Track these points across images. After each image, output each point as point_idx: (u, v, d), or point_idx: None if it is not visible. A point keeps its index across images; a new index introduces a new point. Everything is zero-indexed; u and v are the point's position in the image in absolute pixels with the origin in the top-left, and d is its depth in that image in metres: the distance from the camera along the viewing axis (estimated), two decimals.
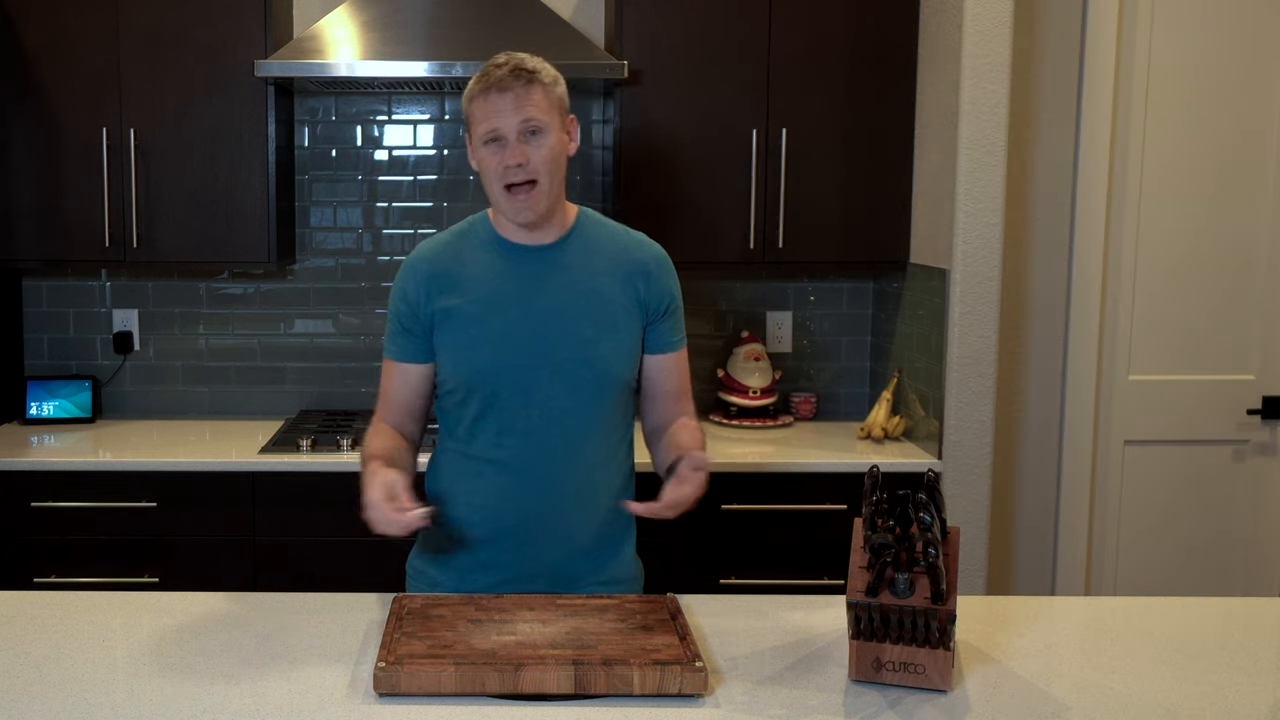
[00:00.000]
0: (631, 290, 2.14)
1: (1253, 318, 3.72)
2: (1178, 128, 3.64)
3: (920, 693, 1.73)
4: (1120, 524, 3.77)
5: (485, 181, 2.10)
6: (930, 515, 1.77)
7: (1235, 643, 1.95)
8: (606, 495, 2.18)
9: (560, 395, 2.10)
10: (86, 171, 3.43)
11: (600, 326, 2.11)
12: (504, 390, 2.10)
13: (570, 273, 2.12)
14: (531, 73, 2.06)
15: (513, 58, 2.07)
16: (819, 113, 3.45)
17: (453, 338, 2.11)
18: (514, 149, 2.04)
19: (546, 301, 2.10)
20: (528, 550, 2.14)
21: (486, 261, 2.13)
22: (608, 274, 2.14)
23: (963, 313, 3.26)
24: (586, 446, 2.14)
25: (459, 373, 2.12)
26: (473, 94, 2.07)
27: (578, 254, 2.14)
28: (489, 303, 2.10)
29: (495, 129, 2.04)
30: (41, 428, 3.66)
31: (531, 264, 2.12)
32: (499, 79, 2.04)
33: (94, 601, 2.09)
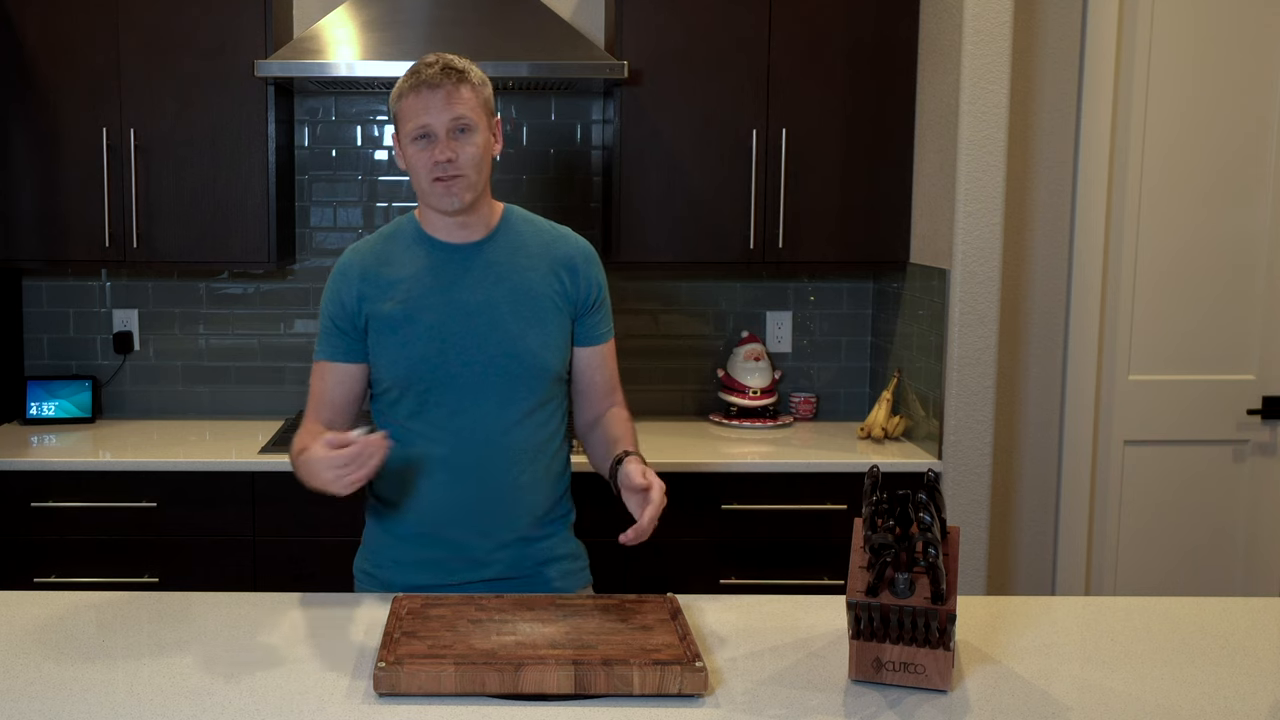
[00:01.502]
0: (558, 284, 2.18)
1: (1252, 318, 3.72)
2: (1177, 128, 3.64)
3: (920, 693, 1.73)
4: (1120, 524, 3.77)
5: (413, 177, 2.13)
6: (930, 515, 1.77)
7: (1235, 643, 1.95)
8: (542, 485, 2.21)
9: (492, 389, 2.13)
10: (86, 171, 3.43)
11: (528, 321, 2.15)
12: (437, 386, 2.13)
13: (497, 269, 2.16)
14: (461, 72, 2.10)
15: (442, 57, 2.12)
16: (819, 113, 3.45)
17: (385, 337, 2.14)
18: (443, 145, 2.08)
19: (475, 297, 2.14)
20: (469, 544, 2.17)
21: (415, 261, 2.17)
22: (534, 269, 2.18)
23: (963, 313, 3.26)
24: (520, 439, 2.17)
25: (393, 371, 2.15)
26: (402, 91, 2.11)
27: (504, 250, 2.18)
28: (419, 301, 2.14)
29: (425, 125, 2.08)
30: (41, 428, 3.66)
31: (459, 261, 2.16)
32: (429, 77, 2.08)
33: (94, 601, 2.09)
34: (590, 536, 2.38)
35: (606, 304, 2.26)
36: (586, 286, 2.21)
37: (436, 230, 2.18)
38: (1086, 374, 3.70)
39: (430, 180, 2.09)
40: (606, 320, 2.26)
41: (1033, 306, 3.72)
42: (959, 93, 3.20)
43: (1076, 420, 3.72)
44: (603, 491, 2.40)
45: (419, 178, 2.11)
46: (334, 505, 3.25)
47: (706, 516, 3.28)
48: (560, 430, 2.25)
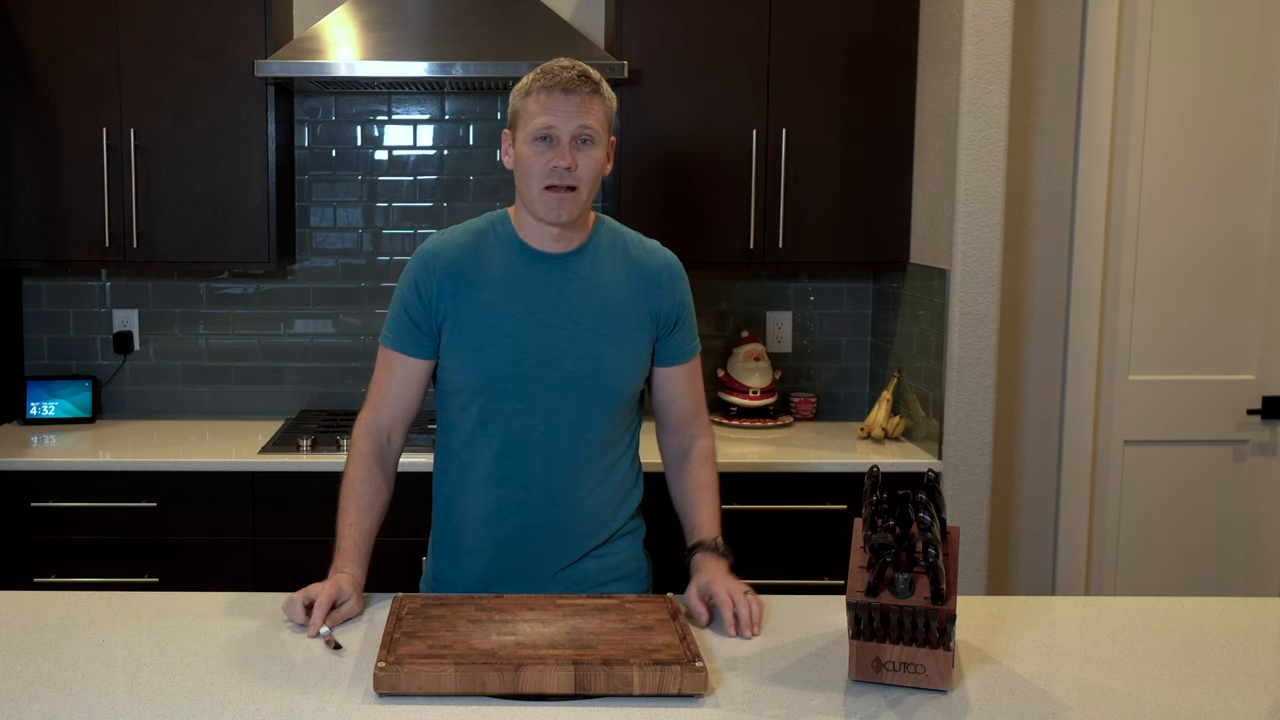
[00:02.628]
0: (644, 302, 2.13)
1: (1252, 318, 3.72)
2: (1177, 128, 3.64)
3: (920, 693, 1.73)
4: (1120, 524, 3.77)
5: (523, 177, 2.06)
6: (930, 515, 1.77)
7: (1235, 643, 1.95)
8: (609, 506, 2.17)
9: (565, 406, 2.08)
10: (86, 171, 3.43)
11: (610, 339, 2.09)
12: (509, 397, 2.08)
13: (585, 283, 2.10)
14: (596, 82, 2.05)
15: (578, 64, 2.05)
16: (819, 113, 3.45)
17: (462, 338, 2.08)
18: (565, 151, 2.01)
19: (559, 310, 2.08)
20: (534, 560, 2.14)
21: (503, 263, 2.10)
22: (622, 285, 2.12)
23: (963, 313, 3.26)
24: (590, 459, 2.12)
25: (465, 374, 2.10)
26: (531, 89, 2.04)
27: (593, 264, 2.12)
28: (502, 306, 2.07)
29: (551, 127, 2.01)
30: (41, 428, 3.66)
31: (548, 271, 2.10)
32: (566, 80, 2.01)
33: (94, 601, 2.09)
34: None
35: (690, 321, 2.21)
36: (671, 304, 2.16)
37: (529, 236, 2.11)
38: (1086, 374, 3.70)
39: (542, 187, 2.03)
40: (692, 336, 2.22)
41: (1033, 306, 3.72)
42: (959, 93, 3.20)
43: (1076, 420, 3.71)
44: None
45: (530, 181, 2.04)
46: (333, 506, 3.26)
47: None
48: (632, 450, 2.22)
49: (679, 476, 2.24)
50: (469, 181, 3.80)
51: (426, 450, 3.32)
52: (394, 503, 2.19)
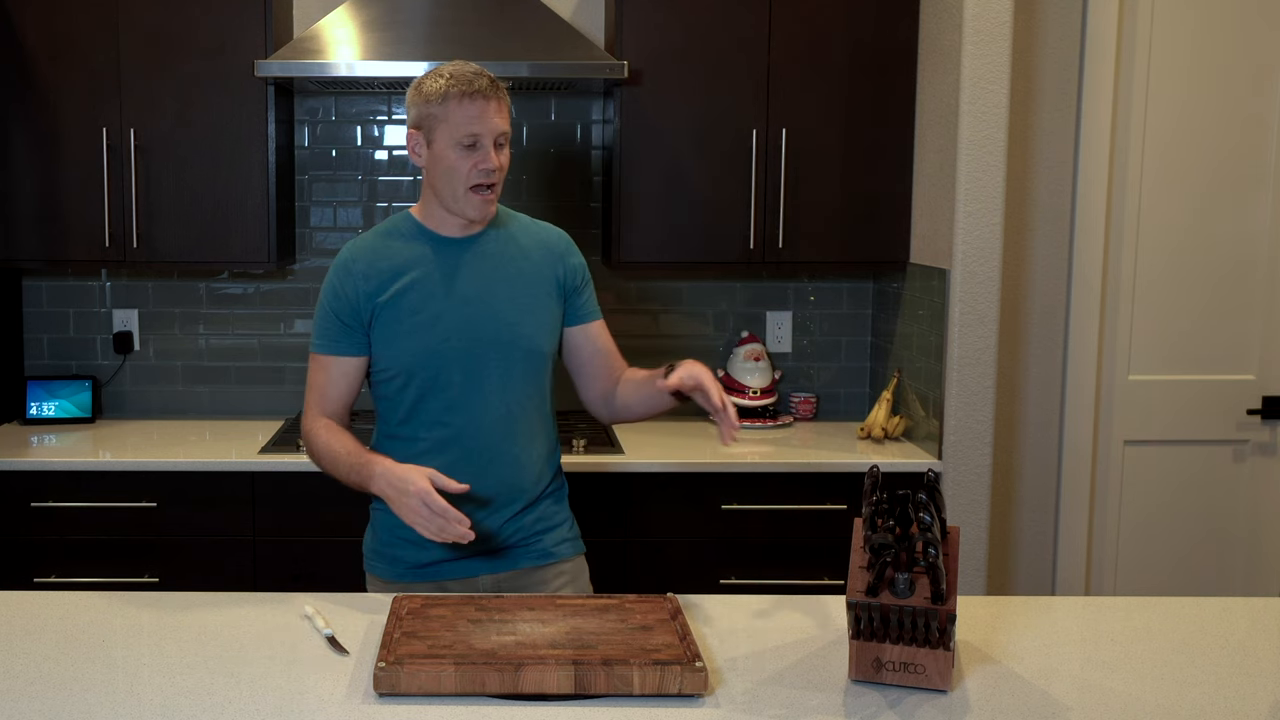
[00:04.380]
0: (548, 269, 2.31)
1: (1252, 318, 3.72)
2: (1177, 128, 3.64)
3: (920, 693, 1.73)
4: (1120, 524, 3.77)
5: (445, 179, 2.20)
6: (930, 515, 1.77)
7: (1235, 643, 1.95)
8: (539, 460, 2.32)
9: (493, 372, 2.24)
10: (86, 171, 3.43)
11: (522, 307, 2.27)
12: (443, 372, 2.23)
13: (492, 259, 2.28)
14: (502, 87, 2.21)
15: (481, 69, 2.21)
16: (819, 113, 3.45)
17: (391, 328, 2.23)
18: (490, 154, 2.18)
19: (474, 287, 2.25)
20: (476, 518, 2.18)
21: (416, 254, 2.26)
22: (526, 258, 2.30)
23: (963, 313, 3.26)
24: (520, 419, 2.28)
25: (399, 360, 2.24)
26: (448, 95, 2.17)
27: (497, 242, 2.29)
28: (423, 290, 2.23)
29: (477, 134, 2.17)
30: (41, 428, 3.66)
31: (459, 253, 2.27)
32: (483, 88, 2.17)
33: (94, 601, 2.09)
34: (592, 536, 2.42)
35: (591, 285, 2.39)
36: (572, 270, 2.34)
37: (438, 226, 2.27)
38: (1086, 374, 3.70)
39: (468, 187, 2.19)
40: (594, 300, 2.39)
41: (1033, 306, 3.72)
42: (959, 93, 3.20)
43: (1076, 420, 3.72)
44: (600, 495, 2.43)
45: (455, 183, 2.20)
46: (333, 506, 3.27)
47: (706, 516, 3.28)
48: (550, 412, 2.37)
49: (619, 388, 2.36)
50: None
51: None
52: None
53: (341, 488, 3.01)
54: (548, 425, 2.36)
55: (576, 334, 2.35)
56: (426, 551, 2.26)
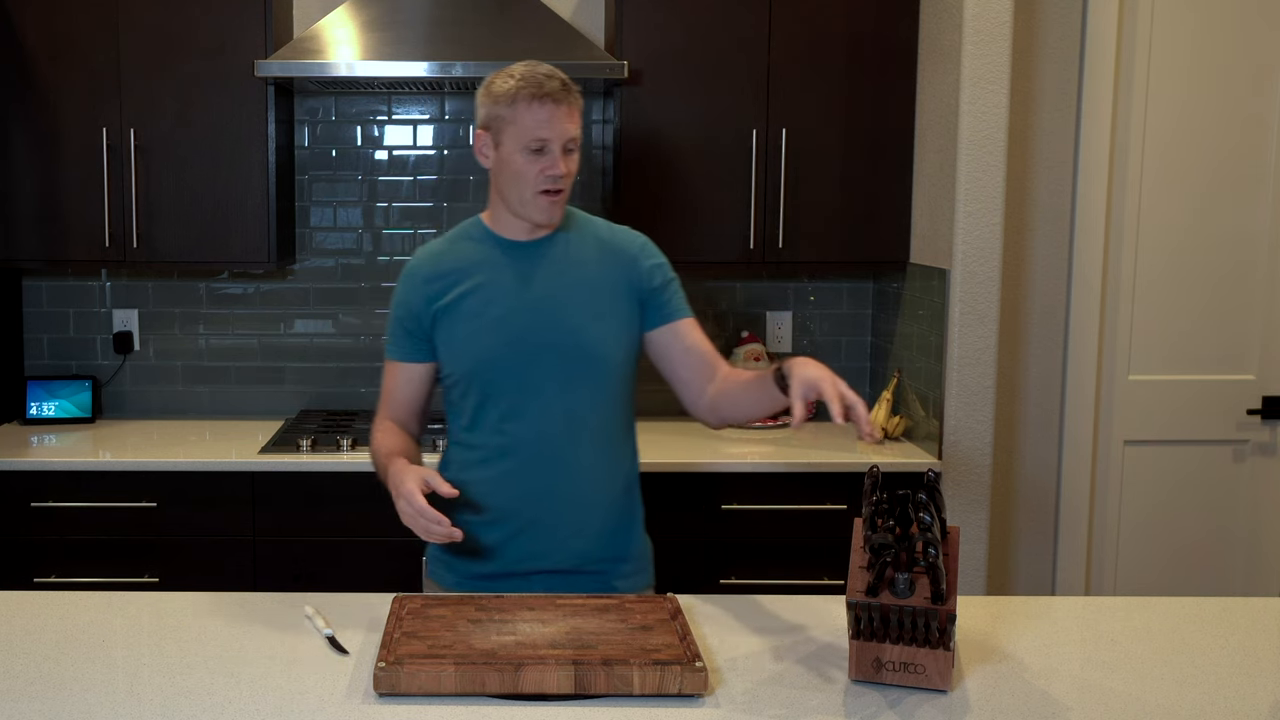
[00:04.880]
0: (621, 275, 2.22)
1: (1252, 318, 3.72)
2: (1177, 128, 3.64)
3: (920, 693, 1.73)
4: (1120, 524, 3.77)
5: (514, 183, 2.15)
6: (930, 515, 1.77)
7: (1235, 643, 1.95)
8: (606, 477, 2.24)
9: (556, 380, 2.17)
10: (86, 171, 3.43)
11: (591, 313, 2.19)
12: (501, 378, 2.18)
13: (560, 264, 2.21)
14: (575, 90, 2.15)
15: (556, 72, 2.14)
16: (819, 113, 3.45)
17: (452, 332, 2.20)
18: (558, 160, 2.12)
19: (539, 291, 2.18)
20: (532, 533, 2.20)
21: (482, 258, 2.21)
22: (595, 263, 2.22)
23: (963, 313, 3.26)
24: (583, 428, 2.19)
25: (459, 365, 2.20)
26: (518, 97, 2.11)
27: (567, 246, 2.23)
28: (485, 296, 2.18)
29: (545, 139, 2.11)
30: (41, 428, 3.66)
31: (524, 257, 2.21)
32: (554, 90, 2.11)
33: (94, 601, 2.09)
34: None
35: (673, 285, 2.26)
36: (648, 270, 2.23)
37: (505, 230, 2.22)
38: (1086, 374, 3.70)
39: (536, 192, 2.13)
40: (679, 299, 2.26)
41: (1033, 306, 3.72)
42: (959, 93, 3.20)
43: (1076, 420, 3.71)
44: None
45: (523, 187, 2.14)
46: (333, 505, 3.27)
47: (706, 516, 3.28)
48: (625, 423, 2.28)
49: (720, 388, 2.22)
50: (469, 181, 3.80)
51: (424, 451, 3.32)
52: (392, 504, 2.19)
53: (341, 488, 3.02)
54: (619, 440, 2.26)
55: (663, 334, 2.24)
56: (487, 564, 2.21)
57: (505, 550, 2.21)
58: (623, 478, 2.27)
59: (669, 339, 2.24)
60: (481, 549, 2.21)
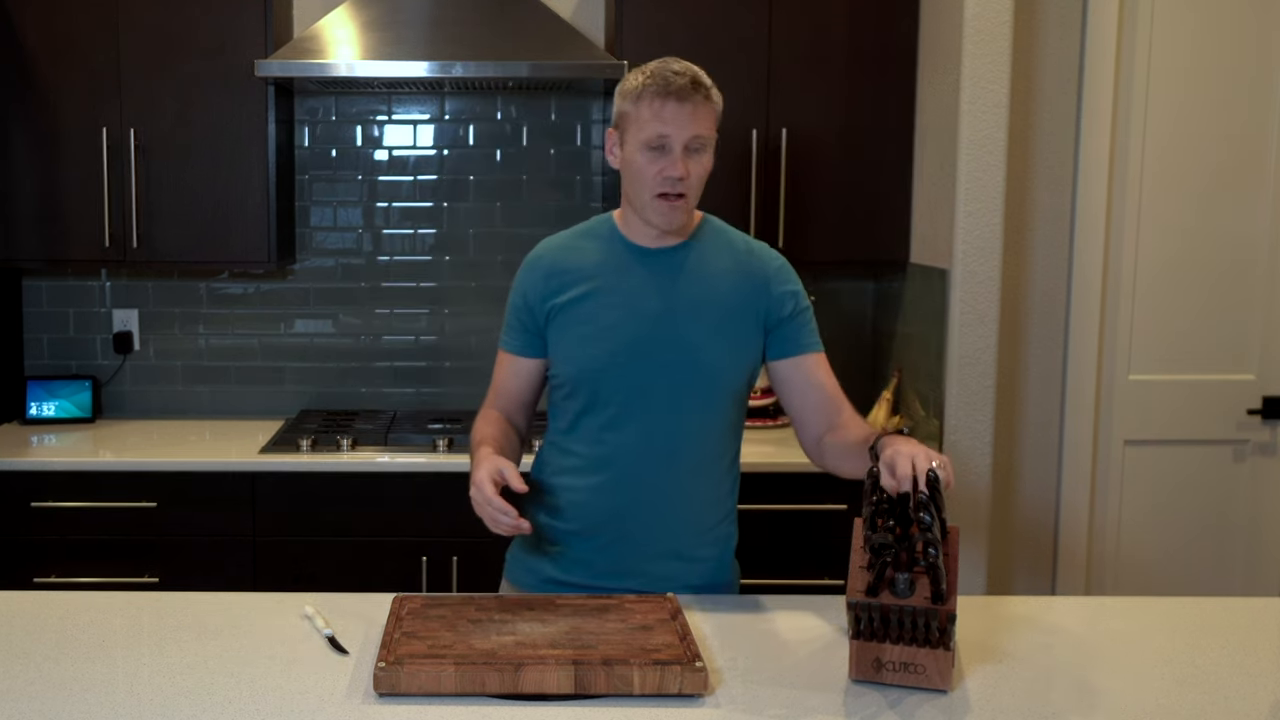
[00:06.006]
0: (750, 297, 2.14)
1: (1252, 318, 3.71)
2: (1178, 127, 3.64)
3: (920, 693, 1.73)
4: (1120, 524, 3.76)
5: (633, 183, 2.09)
6: (930, 515, 1.77)
7: (1235, 643, 1.95)
8: (703, 502, 2.18)
9: (665, 396, 2.10)
10: (86, 171, 3.43)
11: (713, 331, 2.11)
12: (609, 386, 2.10)
13: (688, 277, 2.13)
14: (708, 88, 2.06)
15: (689, 68, 2.05)
16: (819, 113, 3.45)
17: (564, 333, 2.13)
18: (678, 161, 2.03)
19: (661, 303, 2.11)
20: (618, 548, 2.15)
21: (606, 260, 2.14)
22: (726, 280, 2.14)
23: (963, 313, 3.26)
24: (686, 449, 2.13)
25: (567, 367, 2.14)
26: (642, 93, 2.04)
27: (698, 259, 2.14)
28: (604, 300, 2.12)
29: (665, 137, 2.03)
30: (41, 428, 3.66)
31: (651, 265, 2.13)
32: (680, 88, 2.02)
33: (94, 601, 2.09)
34: None
35: (807, 314, 2.19)
36: (779, 298, 2.16)
37: (632, 233, 2.15)
38: (1086, 374, 3.69)
39: (654, 194, 2.06)
40: (808, 330, 2.19)
41: (1033, 306, 3.71)
42: (959, 93, 3.20)
43: (1076, 420, 3.71)
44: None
45: (641, 187, 2.07)
46: (333, 505, 3.27)
47: None
48: (731, 449, 2.21)
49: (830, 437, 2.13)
50: (469, 181, 3.80)
51: (425, 450, 3.32)
52: (392, 503, 2.19)
53: (341, 488, 3.01)
54: (722, 466, 2.18)
55: (784, 367, 2.16)
56: (570, 572, 2.16)
57: (589, 562, 2.15)
58: (720, 505, 2.20)
59: (791, 372, 2.16)
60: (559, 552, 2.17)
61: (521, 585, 2.22)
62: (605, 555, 2.15)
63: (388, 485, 3.25)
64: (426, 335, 3.85)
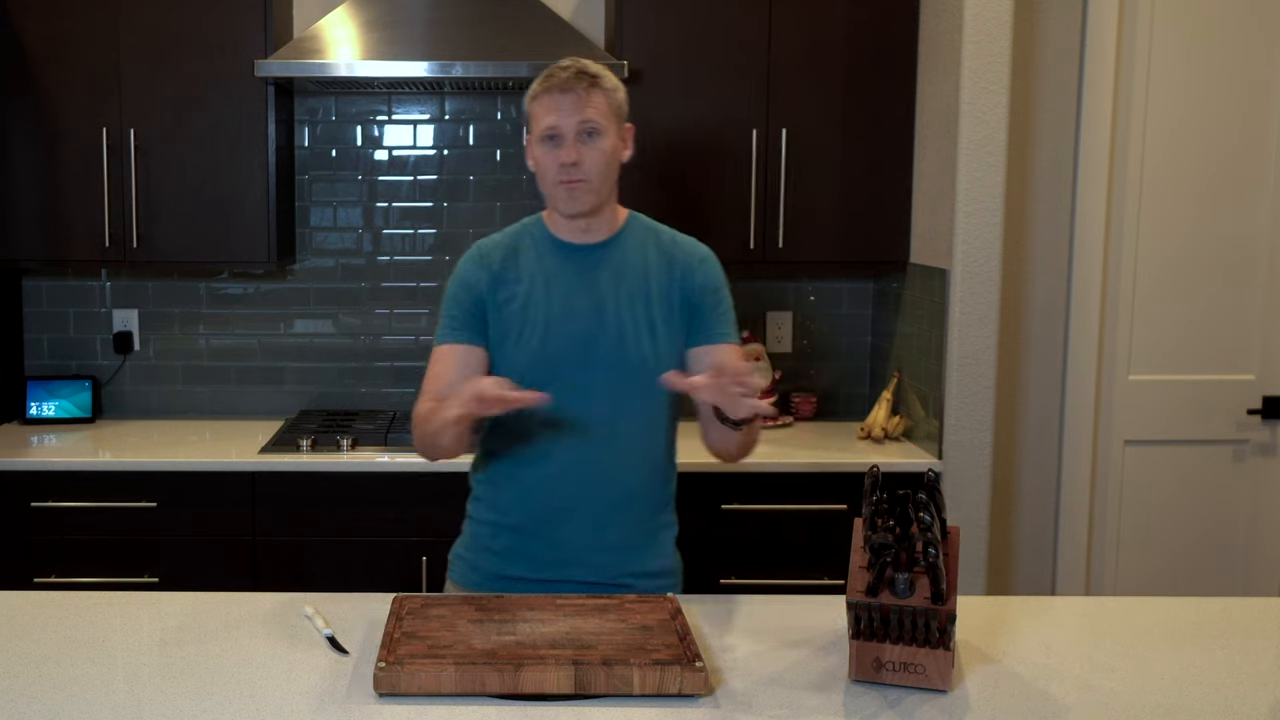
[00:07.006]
0: (674, 289, 2.19)
1: (1252, 318, 3.72)
2: (1177, 127, 3.64)
3: (920, 693, 1.73)
4: (1120, 524, 3.77)
5: (541, 178, 2.17)
6: (930, 515, 1.77)
7: (1235, 643, 1.95)
8: (643, 491, 2.23)
9: (600, 388, 2.15)
10: (86, 171, 3.43)
11: (644, 324, 2.16)
12: (545, 382, 2.12)
13: (615, 271, 2.19)
14: (594, 77, 2.14)
15: (576, 62, 2.15)
16: (819, 113, 3.45)
17: (503, 329, 2.17)
18: (570, 147, 2.11)
19: (592, 298, 2.16)
20: (563, 540, 2.18)
21: (538, 259, 2.20)
22: (652, 273, 2.20)
23: (963, 313, 3.26)
24: (625, 440, 2.18)
25: (506, 367, 2.17)
26: (535, 93, 2.15)
27: (624, 254, 2.21)
28: (537, 296, 2.17)
29: (554, 127, 2.11)
30: (41, 428, 3.66)
31: (579, 261, 2.19)
32: (562, 80, 2.12)
33: (94, 601, 2.09)
34: None
35: (724, 306, 2.23)
36: (701, 288, 2.20)
37: (560, 231, 2.21)
38: (1086, 374, 3.70)
39: (555, 182, 2.13)
40: (725, 322, 2.23)
41: (1033, 306, 3.72)
42: (959, 93, 3.20)
43: (1076, 420, 3.71)
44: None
45: (545, 178, 2.15)
46: (333, 506, 3.27)
47: (706, 516, 3.28)
48: (667, 438, 2.26)
49: None
50: (469, 181, 3.80)
51: None
52: (392, 503, 2.18)
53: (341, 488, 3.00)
54: (660, 456, 2.24)
55: (699, 354, 2.19)
56: (514, 566, 2.20)
57: (534, 556, 2.19)
58: (660, 493, 2.25)
59: (704, 359, 2.19)
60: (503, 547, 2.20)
61: (466, 584, 2.25)
62: (549, 548, 2.18)
63: (387, 485, 3.25)
64: (426, 335, 3.85)
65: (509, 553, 2.21)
